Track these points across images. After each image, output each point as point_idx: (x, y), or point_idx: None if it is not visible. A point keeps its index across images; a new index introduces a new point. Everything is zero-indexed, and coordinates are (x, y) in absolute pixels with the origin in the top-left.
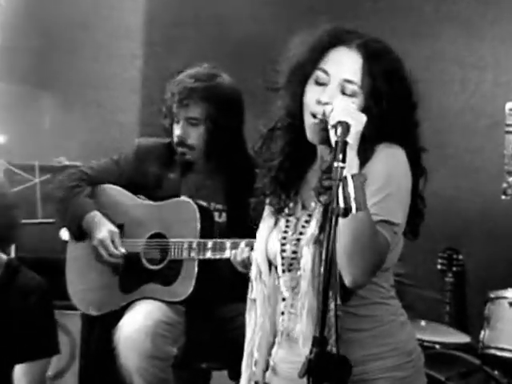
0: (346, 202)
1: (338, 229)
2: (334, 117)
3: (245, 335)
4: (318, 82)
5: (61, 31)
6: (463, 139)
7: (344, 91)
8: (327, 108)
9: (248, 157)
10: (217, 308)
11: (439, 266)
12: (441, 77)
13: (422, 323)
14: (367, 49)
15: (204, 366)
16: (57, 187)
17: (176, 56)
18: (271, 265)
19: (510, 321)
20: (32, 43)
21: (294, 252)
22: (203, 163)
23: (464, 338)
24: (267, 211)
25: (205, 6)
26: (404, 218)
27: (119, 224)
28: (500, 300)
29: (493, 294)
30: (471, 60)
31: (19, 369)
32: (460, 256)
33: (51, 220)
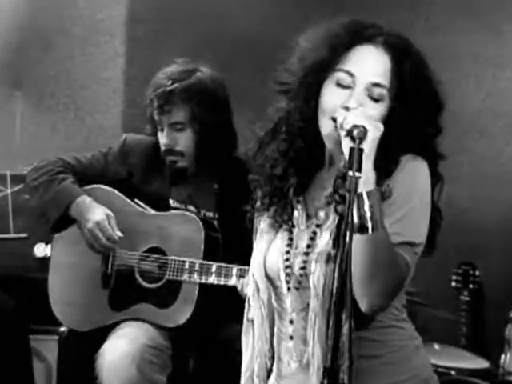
0: (362, 220)
1: (353, 247)
2: (349, 121)
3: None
4: (341, 85)
5: (35, 26)
6: (479, 143)
7: (371, 95)
8: (340, 117)
9: (239, 158)
10: (215, 332)
11: (454, 284)
12: (453, 74)
13: (436, 347)
14: (395, 47)
15: None
16: (34, 176)
17: (162, 54)
18: (270, 283)
19: None
20: (2, 39)
21: (302, 268)
22: (194, 168)
23: (482, 363)
24: (265, 221)
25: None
26: (425, 236)
27: None
28: None
29: None
30: (487, 55)
31: None
32: (477, 272)
33: (24, 235)
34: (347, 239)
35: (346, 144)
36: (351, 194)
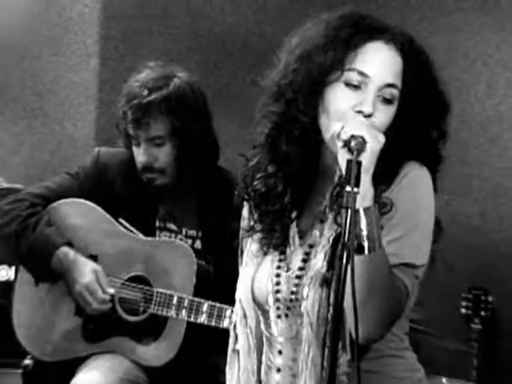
0: (358, 239)
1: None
2: (347, 131)
3: None
4: (351, 85)
5: None
6: (490, 155)
7: (384, 96)
8: (336, 125)
9: (222, 168)
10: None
11: (463, 310)
12: (462, 78)
13: (444, 381)
14: (402, 43)
15: None
16: (1, 222)
17: (141, 55)
18: (259, 308)
19: None
20: None
21: (293, 293)
22: (175, 184)
23: None
24: (254, 241)
25: None
26: (427, 257)
27: (91, 255)
28: None
29: None
30: (500, 58)
31: None
32: (489, 297)
33: None
34: (343, 260)
35: (343, 156)
36: (348, 212)
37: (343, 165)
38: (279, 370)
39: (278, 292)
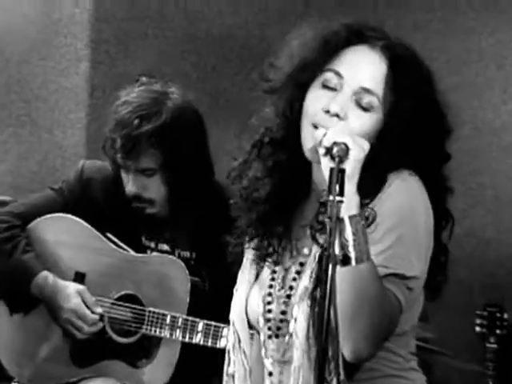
0: (344, 250)
1: (336, 283)
2: (329, 137)
3: None
4: (327, 86)
5: None
6: (504, 163)
7: (359, 102)
8: (318, 132)
9: (216, 186)
10: None
11: (478, 328)
12: (475, 83)
13: None
14: (395, 53)
15: None
16: None
17: (134, 58)
18: (253, 329)
19: None
20: None
21: (283, 312)
22: (166, 212)
23: None
24: (247, 258)
25: None
26: (424, 267)
27: (79, 273)
28: None
29: None
30: None
31: None
32: (505, 315)
33: None
34: (329, 273)
35: (326, 164)
36: (332, 221)
37: (326, 173)
38: None
39: (269, 312)
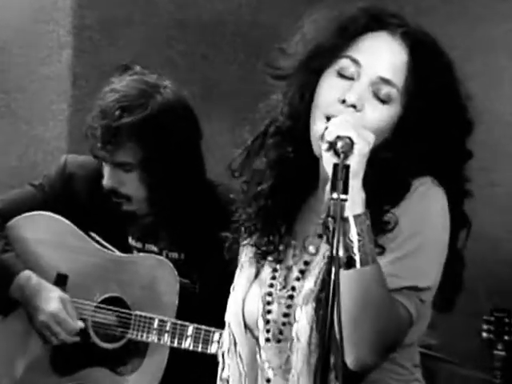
0: (348, 252)
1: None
2: (332, 131)
3: None
4: (343, 75)
5: None
6: None
7: (377, 93)
8: (317, 126)
9: (208, 184)
10: None
11: (485, 334)
12: (485, 73)
13: None
14: (416, 41)
15: None
16: None
17: (119, 45)
18: (250, 332)
19: None
20: None
21: (286, 315)
22: (147, 211)
23: None
24: (246, 255)
25: None
26: (437, 278)
27: (61, 274)
28: None
29: None
30: None
31: None
32: None
33: None
34: (333, 276)
35: (328, 159)
36: (336, 221)
37: (329, 169)
38: None
39: (269, 313)
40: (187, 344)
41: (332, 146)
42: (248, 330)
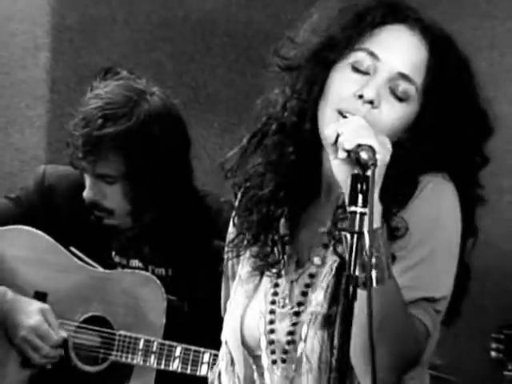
0: (365, 270)
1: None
2: (350, 138)
3: None
4: (358, 68)
5: None
6: None
7: (394, 90)
8: (328, 130)
9: (197, 196)
10: None
11: (494, 354)
12: (489, 73)
13: None
14: (436, 37)
15: None
16: None
17: (101, 47)
18: (249, 353)
19: None
20: None
21: (290, 333)
22: (130, 225)
23: None
24: (243, 266)
25: None
26: (451, 287)
27: (39, 292)
28: None
29: None
30: None
31: None
32: None
33: None
34: (349, 296)
35: (340, 167)
36: (353, 237)
37: (342, 178)
38: None
39: (273, 332)
40: (175, 366)
41: (353, 156)
42: (245, 349)
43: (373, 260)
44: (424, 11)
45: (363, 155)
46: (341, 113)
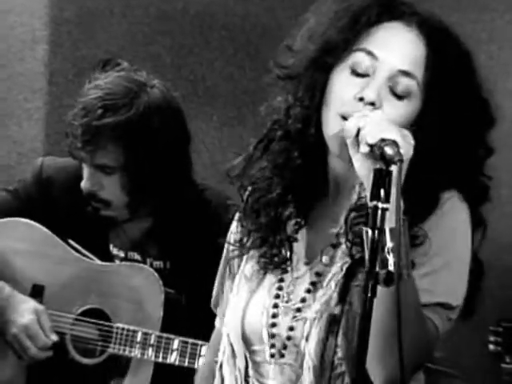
0: (384, 266)
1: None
2: (373, 132)
3: None
4: (357, 70)
5: None
6: None
7: (394, 88)
8: (349, 124)
9: (196, 189)
10: None
11: (492, 347)
12: (488, 67)
13: None
14: (433, 30)
15: None
16: None
17: (99, 40)
18: (247, 346)
19: None
20: None
21: (292, 328)
22: (127, 216)
23: None
24: (247, 262)
25: None
26: (463, 296)
27: (37, 285)
28: None
29: None
30: None
31: None
32: None
33: None
34: (369, 293)
35: (362, 163)
36: (374, 233)
37: (364, 173)
38: None
39: (274, 326)
40: (173, 359)
41: (377, 151)
42: (244, 342)
43: (392, 258)
44: (423, 4)
45: (388, 150)
46: (344, 117)
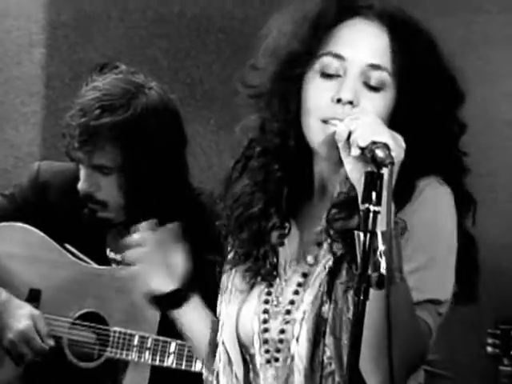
0: (376, 269)
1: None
2: (364, 135)
3: None
4: (327, 74)
5: None
6: None
7: (367, 82)
8: (339, 127)
9: (192, 194)
10: None
11: (490, 349)
12: (483, 69)
13: None
14: (393, 19)
15: None
16: None
17: (96, 43)
18: (245, 350)
19: None
20: None
21: (283, 331)
22: (124, 218)
23: None
24: (236, 273)
25: None
26: (452, 288)
27: (34, 289)
28: None
29: None
30: None
31: None
32: None
33: None
34: (361, 297)
35: (353, 166)
36: (366, 236)
37: (355, 176)
38: None
39: (266, 331)
40: (170, 362)
41: (367, 154)
42: (241, 347)
43: (385, 260)
44: (416, 7)
45: (379, 153)
46: (325, 121)
